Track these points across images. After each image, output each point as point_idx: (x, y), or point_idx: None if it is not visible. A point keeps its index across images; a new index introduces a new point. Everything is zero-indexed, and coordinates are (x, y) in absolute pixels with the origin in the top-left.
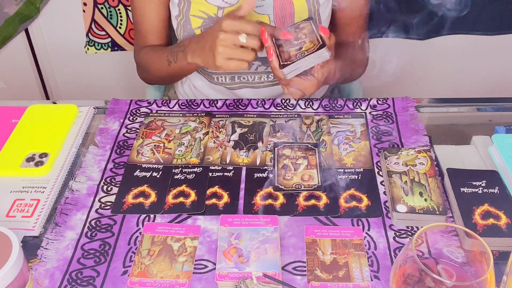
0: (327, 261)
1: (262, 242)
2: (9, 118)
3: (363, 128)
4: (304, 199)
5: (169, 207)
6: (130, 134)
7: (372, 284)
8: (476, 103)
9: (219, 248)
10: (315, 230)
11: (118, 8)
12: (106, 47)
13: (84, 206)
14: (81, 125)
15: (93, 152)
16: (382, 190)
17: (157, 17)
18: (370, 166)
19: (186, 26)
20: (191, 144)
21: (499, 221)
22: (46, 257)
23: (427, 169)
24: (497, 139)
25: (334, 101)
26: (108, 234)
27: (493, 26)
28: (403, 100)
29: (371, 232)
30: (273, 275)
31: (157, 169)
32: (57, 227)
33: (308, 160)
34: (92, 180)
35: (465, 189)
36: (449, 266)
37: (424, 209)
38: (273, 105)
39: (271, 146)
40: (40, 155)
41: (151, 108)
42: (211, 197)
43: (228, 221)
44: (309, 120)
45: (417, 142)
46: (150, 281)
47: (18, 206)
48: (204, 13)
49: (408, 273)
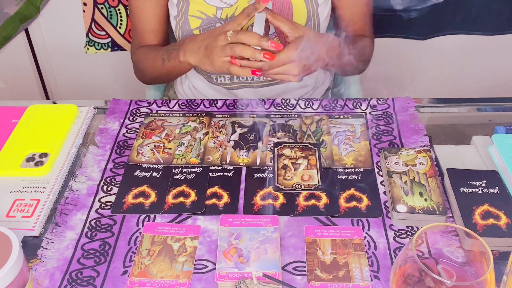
0: (327, 261)
1: (262, 242)
2: (9, 118)
3: (363, 128)
4: (304, 199)
5: (169, 207)
6: (130, 134)
7: (372, 284)
8: (476, 103)
9: (219, 248)
10: (315, 230)
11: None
12: (106, 47)
13: (84, 206)
14: (81, 125)
15: (93, 152)
16: (382, 190)
17: (155, 16)
18: (370, 166)
19: (184, 27)
20: (191, 144)
21: (499, 221)
22: (46, 257)
23: (427, 169)
24: (497, 139)
25: (334, 101)
26: (108, 234)
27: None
28: (403, 100)
29: (371, 232)
30: (273, 275)
31: (157, 169)
32: (57, 227)
33: (308, 160)
34: (92, 180)
35: (465, 189)
36: (449, 266)
37: (424, 209)
38: (273, 105)
39: (271, 146)
40: (40, 155)
41: (151, 108)
42: (211, 197)
43: (228, 221)
44: (309, 120)
45: (417, 142)
46: (150, 281)
47: (18, 206)
48: (203, 13)
49: (408, 273)
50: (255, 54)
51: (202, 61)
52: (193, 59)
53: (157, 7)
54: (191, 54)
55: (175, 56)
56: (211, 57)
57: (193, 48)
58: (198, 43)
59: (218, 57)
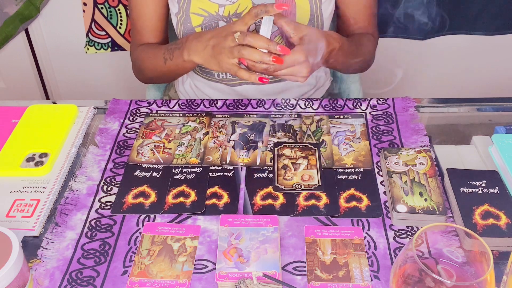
0: (327, 261)
1: (262, 242)
2: (9, 118)
3: (363, 128)
4: (304, 199)
5: (169, 207)
6: (130, 134)
7: (372, 284)
8: (476, 103)
9: (219, 248)
10: (315, 230)
11: (118, 8)
12: (106, 47)
13: (84, 206)
14: (81, 125)
15: (93, 152)
16: (382, 190)
17: (155, 14)
18: (370, 166)
19: (186, 24)
20: (191, 144)
21: (499, 221)
22: (46, 257)
23: (427, 169)
24: (497, 139)
25: (334, 101)
26: (108, 234)
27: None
28: (403, 100)
29: (371, 232)
30: (273, 275)
31: (157, 169)
32: (57, 227)
33: (308, 160)
34: (92, 180)
35: (465, 189)
36: (449, 266)
37: (424, 209)
38: (273, 105)
39: (271, 146)
40: (40, 155)
41: (151, 108)
42: (211, 197)
43: (228, 221)
44: (309, 120)
45: (417, 142)
46: (150, 281)
47: (18, 206)
48: (205, 10)
49: (408, 273)
50: (263, 57)
51: (208, 61)
52: (198, 58)
53: (157, 4)
54: (196, 53)
55: (178, 55)
56: (219, 57)
57: (198, 47)
58: (204, 42)
59: (227, 58)
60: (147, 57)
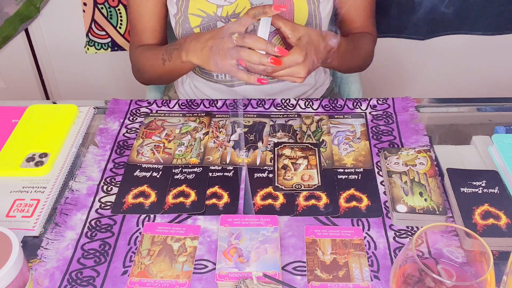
0: (327, 261)
1: (262, 242)
2: (9, 118)
3: (363, 128)
4: (304, 199)
5: (169, 207)
6: (130, 134)
7: (372, 284)
8: (476, 103)
9: (219, 248)
10: (315, 230)
11: (118, 8)
12: (106, 47)
13: (84, 206)
14: (81, 125)
15: (93, 152)
16: (382, 190)
17: (153, 15)
18: (370, 166)
19: (184, 25)
20: (191, 144)
21: (499, 221)
22: (46, 257)
23: (427, 169)
24: (497, 139)
25: (334, 101)
26: (108, 234)
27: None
28: (403, 100)
29: (371, 232)
30: (273, 275)
31: (157, 169)
32: (57, 227)
33: (308, 160)
34: (92, 180)
35: (465, 189)
36: (449, 266)
37: (424, 209)
38: (273, 105)
39: (271, 146)
40: (40, 155)
41: (151, 108)
42: (211, 197)
43: (228, 221)
44: (309, 120)
45: (417, 142)
46: (150, 281)
47: (18, 206)
48: (203, 11)
49: (408, 273)
50: (261, 59)
51: (206, 62)
52: (196, 59)
53: (156, 5)
54: (195, 54)
55: (177, 56)
56: (217, 59)
57: (197, 48)
58: (202, 43)
59: (225, 59)
60: (146, 58)
